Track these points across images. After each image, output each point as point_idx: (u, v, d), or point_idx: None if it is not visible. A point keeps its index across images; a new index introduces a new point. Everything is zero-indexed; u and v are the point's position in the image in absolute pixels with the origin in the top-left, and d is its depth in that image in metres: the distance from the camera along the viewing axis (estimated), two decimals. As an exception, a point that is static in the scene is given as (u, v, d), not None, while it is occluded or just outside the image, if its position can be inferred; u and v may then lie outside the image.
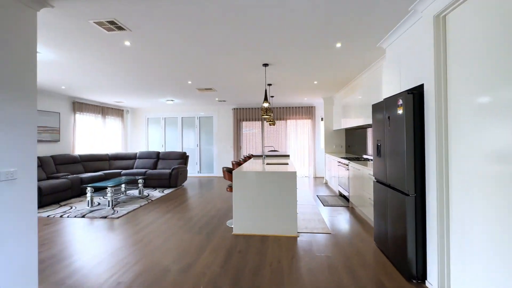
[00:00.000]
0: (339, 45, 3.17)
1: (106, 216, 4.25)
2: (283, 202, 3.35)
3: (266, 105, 3.82)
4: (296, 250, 2.91)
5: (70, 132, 6.62)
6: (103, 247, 3.01)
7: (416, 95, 2.22)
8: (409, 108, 2.22)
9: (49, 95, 6.01)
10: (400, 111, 2.31)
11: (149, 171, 6.77)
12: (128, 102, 7.53)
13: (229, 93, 6.23)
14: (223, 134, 8.71)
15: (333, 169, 6.20)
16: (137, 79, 4.77)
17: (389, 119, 2.56)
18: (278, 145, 8.43)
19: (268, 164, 4.47)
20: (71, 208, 4.79)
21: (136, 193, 6.06)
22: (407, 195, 2.25)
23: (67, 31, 2.67)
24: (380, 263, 2.60)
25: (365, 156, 5.50)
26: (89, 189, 4.85)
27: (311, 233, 3.42)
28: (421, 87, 2.31)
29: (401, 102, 2.28)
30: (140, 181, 5.82)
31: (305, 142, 8.38)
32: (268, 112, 3.80)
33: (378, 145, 2.88)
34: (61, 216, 4.29)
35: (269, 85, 5.26)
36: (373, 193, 3.24)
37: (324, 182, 7.34)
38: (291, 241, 3.18)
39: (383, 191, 2.77)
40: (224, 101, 7.52)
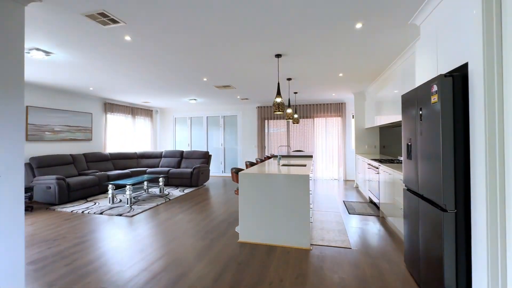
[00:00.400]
0: (360, 26, 2.66)
1: (121, 214, 4.30)
2: (293, 208, 2.96)
3: (278, 100, 3.45)
4: (304, 267, 2.50)
5: (101, 131, 7.01)
6: (101, 248, 2.96)
7: (457, 79, 1.67)
8: (447, 95, 1.68)
9: (82, 96, 6.41)
10: (434, 101, 1.77)
11: (172, 170, 6.84)
12: (154, 102, 7.74)
13: (249, 90, 5.96)
14: (247, 133, 8.49)
15: (363, 172, 5.54)
16: (150, 78, 4.76)
17: (421, 112, 2.02)
18: (304, 145, 7.93)
19: (283, 165, 4.08)
20: (95, 204, 4.99)
21: (157, 191, 6.14)
22: (445, 210, 1.71)
23: (65, 29, 2.65)
24: (408, 294, 2.08)
25: (401, 158, 4.76)
26: (110, 186, 4.99)
27: (327, 246, 2.97)
28: (464, 67, 1.74)
29: (435, 88, 1.74)
30: (160, 179, 5.87)
31: (335, 141, 7.73)
32: (280, 107, 3.42)
33: (408, 145, 2.33)
34: (82, 212, 4.46)
35: (288, 79, 4.85)
36: (402, 203, 2.67)
37: (354, 186, 6.65)
38: (302, 254, 2.77)
39: (414, 202, 2.22)
40: (246, 99, 7.28)
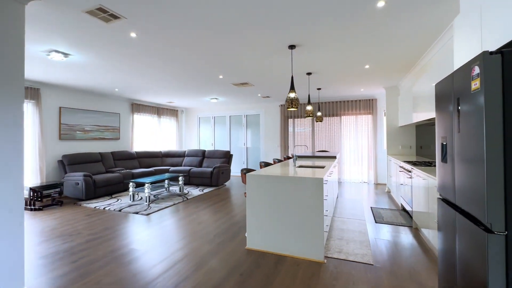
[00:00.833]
0: (382, 5, 2.26)
1: (138, 212, 4.35)
2: (305, 215, 2.65)
3: (292, 95, 3.15)
4: (313, 284, 2.19)
5: (129, 131, 7.32)
6: (108, 247, 2.95)
7: (507, 56, 1.25)
8: (494, 79, 1.27)
9: (110, 97, 6.74)
10: (475, 87, 1.36)
11: (193, 169, 6.87)
12: (178, 102, 7.88)
13: (268, 87, 5.70)
14: (270, 132, 8.23)
15: (395, 175, 4.95)
16: (165, 77, 4.76)
17: (458, 103, 1.60)
18: (330, 145, 7.42)
19: (300, 166, 3.76)
20: (118, 200, 5.15)
21: (177, 190, 6.19)
22: (490, 231, 1.30)
23: (73, 28, 2.67)
24: (440, 330, 1.66)
25: (440, 160, 4.12)
26: (131, 184, 5.12)
27: (344, 260, 2.60)
28: (521, 42, 1.30)
29: (477, 71, 1.33)
30: (180, 178, 5.90)
31: (364, 141, 7.10)
32: (294, 104, 3.12)
33: (443, 146, 1.89)
34: (104, 208, 4.62)
35: (308, 74, 4.50)
36: (437, 214, 2.21)
37: (386, 190, 6.01)
38: (313, 268, 2.45)
39: (449, 215, 1.79)
40: (268, 97, 7.03)
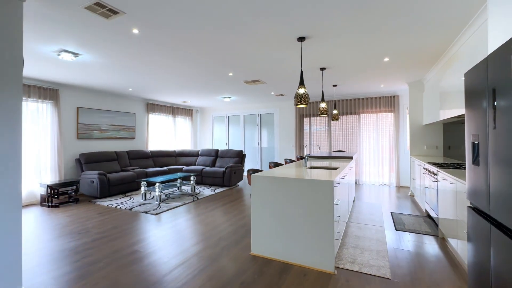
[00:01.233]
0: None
1: (147, 211, 4.33)
2: (314, 220, 2.42)
3: (301, 91, 2.91)
4: (320, 298, 1.97)
5: (144, 130, 7.43)
6: (112, 247, 2.91)
7: None
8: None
9: (126, 97, 6.86)
10: (518, 72, 1.08)
11: (206, 169, 6.81)
12: (192, 101, 7.88)
13: (280, 84, 5.49)
14: (285, 131, 7.99)
15: (419, 178, 4.53)
16: (174, 76, 4.70)
17: (494, 94, 1.31)
18: (348, 145, 7.04)
19: (312, 167, 3.52)
20: (130, 199, 5.20)
21: (189, 189, 6.16)
22: (537, 253, 1.03)
23: (75, 25, 2.65)
24: None
25: (472, 162, 3.68)
26: (143, 183, 5.15)
27: (357, 272, 2.35)
28: None
29: (520, 50, 1.06)
30: (192, 178, 5.86)
31: (385, 141, 6.65)
32: (304, 100, 2.89)
33: (474, 145, 1.60)
34: (116, 206, 4.67)
35: (322, 69, 4.23)
36: (467, 225, 1.89)
37: (409, 194, 5.57)
38: (321, 279, 2.23)
39: (482, 228, 1.50)
40: (282, 95, 6.80)
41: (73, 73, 4.51)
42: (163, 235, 3.26)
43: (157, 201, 4.92)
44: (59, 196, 4.87)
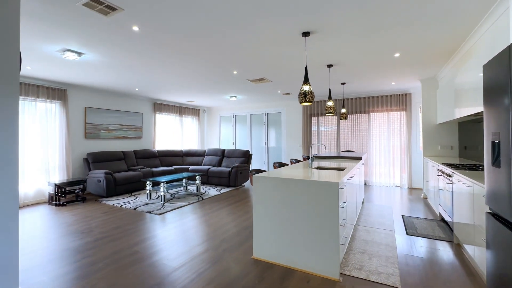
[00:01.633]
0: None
1: (151, 211, 4.30)
2: (318, 224, 2.30)
3: (306, 88, 2.79)
4: (323, 307, 1.86)
5: (151, 130, 7.46)
6: (113, 247, 2.88)
7: None
8: None
9: (132, 97, 6.91)
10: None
11: (212, 169, 6.77)
12: (199, 101, 7.86)
13: (286, 82, 5.36)
14: (292, 131, 7.85)
15: (433, 180, 4.31)
16: (176, 74, 4.66)
17: (519, 85, 1.17)
18: (358, 145, 6.83)
19: (317, 168, 3.38)
20: (136, 198, 5.21)
21: (194, 189, 6.13)
22: None
23: (75, 23, 2.63)
24: None
25: (490, 163, 3.45)
26: (148, 183, 5.14)
27: (364, 280, 2.21)
28: None
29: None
30: (197, 178, 5.82)
31: (396, 141, 6.41)
32: (308, 97, 2.76)
33: (494, 144, 1.44)
34: (121, 206, 4.67)
35: (329, 66, 4.08)
36: (485, 232, 1.73)
37: (421, 196, 5.33)
38: (325, 287, 2.10)
39: (504, 237, 1.35)
40: (288, 94, 6.67)
41: (79, 73, 4.54)
42: (165, 236, 3.21)
43: (161, 201, 4.90)
44: (66, 195, 4.92)
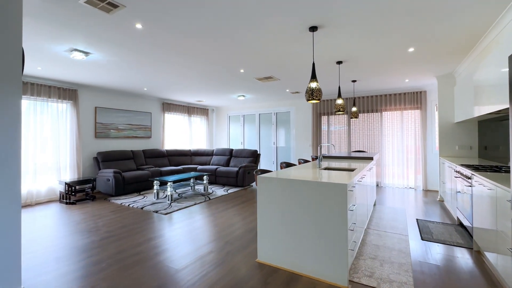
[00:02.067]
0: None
1: (158, 210, 4.29)
2: (325, 228, 2.18)
3: (313, 85, 2.67)
4: (330, 317, 1.74)
5: (160, 129, 7.50)
6: (117, 247, 2.86)
7: None
8: None
9: (142, 97, 6.96)
10: None
11: (220, 168, 6.72)
12: (207, 101, 7.84)
13: (294, 80, 5.23)
14: (301, 130, 7.70)
15: (450, 182, 4.08)
16: (183, 73, 4.62)
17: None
18: (369, 145, 6.61)
19: (325, 169, 3.25)
20: (143, 198, 5.23)
21: (202, 189, 6.10)
22: None
23: (79, 22, 2.62)
24: None
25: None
26: (155, 182, 5.15)
27: None
28: None
29: None
30: (204, 177, 5.79)
31: (411, 140, 6.14)
32: (315, 95, 2.64)
33: (523, 144, 1.29)
34: (129, 205, 4.69)
35: (338, 63, 3.93)
36: (511, 240, 1.57)
37: (437, 199, 5.07)
38: (332, 295, 1.99)
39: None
40: (297, 92, 6.53)
41: (88, 73, 4.59)
42: (170, 236, 3.17)
43: (168, 200, 4.89)
44: (76, 193, 5.00)
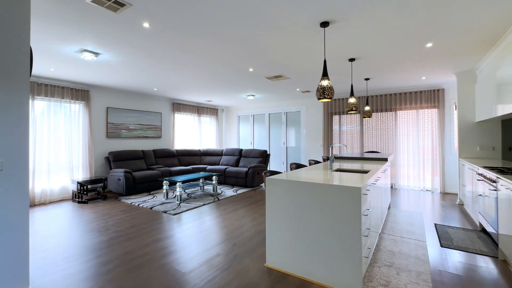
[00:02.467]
0: None
1: (167, 211, 4.28)
2: (338, 233, 2.07)
3: (325, 83, 2.55)
4: (342, 329, 1.63)
5: (170, 129, 7.54)
6: (124, 248, 2.84)
7: None
8: None
9: (152, 97, 7.01)
10: None
11: (229, 169, 6.68)
12: (217, 101, 7.81)
13: (304, 79, 5.10)
14: (312, 130, 7.54)
15: (471, 184, 3.85)
16: (192, 73, 4.59)
17: None
18: (383, 145, 6.38)
19: (337, 170, 3.12)
20: (153, 197, 5.24)
21: (211, 189, 6.06)
22: None
23: (87, 23, 2.62)
24: None
25: (543, 167, 2.97)
26: (165, 182, 5.15)
27: (391, 297, 1.94)
28: None
29: None
30: (213, 178, 5.75)
31: (427, 141, 5.88)
32: (327, 93, 2.52)
33: None
34: (138, 205, 4.71)
35: (351, 60, 3.78)
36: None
37: (456, 202, 4.81)
38: (345, 305, 1.87)
39: None
40: (308, 91, 6.39)
41: (99, 74, 4.64)
42: (178, 237, 3.13)
43: (178, 200, 4.88)
44: (88, 192, 5.07)
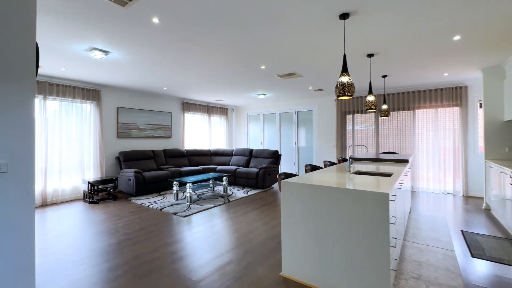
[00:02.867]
0: None
1: (177, 212, 4.18)
2: (361, 242, 1.89)
3: (345, 79, 2.36)
4: None
5: (180, 129, 7.48)
6: (132, 252, 2.75)
7: None
8: None
9: (161, 97, 6.96)
10: None
11: (239, 169, 6.54)
12: (227, 100, 7.70)
13: (318, 77, 4.90)
14: (324, 130, 7.32)
15: (500, 188, 3.56)
16: (203, 71, 4.47)
17: None
18: (401, 146, 6.09)
19: (357, 173, 2.92)
20: (163, 198, 5.17)
21: (221, 190, 5.95)
22: None
23: (96, 19, 2.53)
24: None
25: None
26: (175, 183, 5.06)
27: (422, 316, 1.75)
28: None
29: None
30: (224, 178, 5.63)
31: (448, 141, 5.56)
32: (347, 90, 2.34)
33: None
34: (148, 206, 4.64)
35: (369, 56, 3.56)
36: None
37: (483, 207, 4.50)
38: (371, 323, 1.69)
39: None
40: (321, 90, 6.17)
41: (109, 73, 4.60)
42: (187, 241, 3.02)
43: (187, 202, 4.78)
44: (99, 192, 5.05)
